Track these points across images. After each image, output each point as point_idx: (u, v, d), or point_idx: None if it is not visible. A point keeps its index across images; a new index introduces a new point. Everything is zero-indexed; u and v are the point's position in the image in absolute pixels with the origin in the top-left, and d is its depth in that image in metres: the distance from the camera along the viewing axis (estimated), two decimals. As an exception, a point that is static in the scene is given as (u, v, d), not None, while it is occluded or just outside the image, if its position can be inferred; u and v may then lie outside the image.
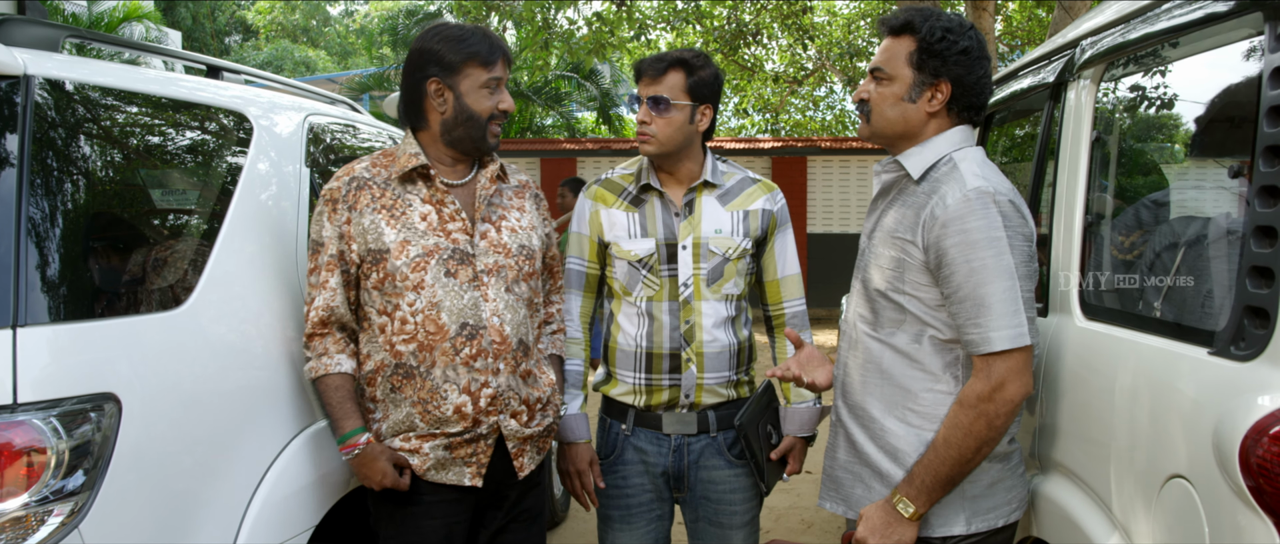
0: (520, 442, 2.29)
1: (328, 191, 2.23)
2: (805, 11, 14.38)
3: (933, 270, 1.89)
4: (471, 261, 2.21)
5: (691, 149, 2.44)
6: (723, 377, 2.46)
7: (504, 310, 2.23)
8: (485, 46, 2.22)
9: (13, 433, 1.54)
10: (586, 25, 13.67)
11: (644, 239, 2.44)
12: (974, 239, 1.82)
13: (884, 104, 2.00)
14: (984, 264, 1.81)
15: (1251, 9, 1.54)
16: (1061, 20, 7.64)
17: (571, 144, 14.72)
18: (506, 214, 2.33)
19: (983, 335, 1.82)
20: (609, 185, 2.53)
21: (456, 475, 2.21)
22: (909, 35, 1.96)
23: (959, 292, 1.84)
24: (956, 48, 1.93)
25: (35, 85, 1.75)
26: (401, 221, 2.19)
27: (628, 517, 2.51)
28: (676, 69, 2.36)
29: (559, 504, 4.64)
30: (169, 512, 1.81)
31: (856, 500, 2.05)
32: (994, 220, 1.82)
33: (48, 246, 1.69)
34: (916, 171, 1.96)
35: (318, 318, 2.19)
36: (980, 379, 1.85)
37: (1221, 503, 1.45)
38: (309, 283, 2.22)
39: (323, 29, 32.86)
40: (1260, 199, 1.47)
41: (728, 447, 2.50)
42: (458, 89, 2.21)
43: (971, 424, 1.84)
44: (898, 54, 1.97)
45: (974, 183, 1.85)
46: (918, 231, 1.90)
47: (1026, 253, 1.85)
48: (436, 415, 2.17)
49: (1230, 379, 1.48)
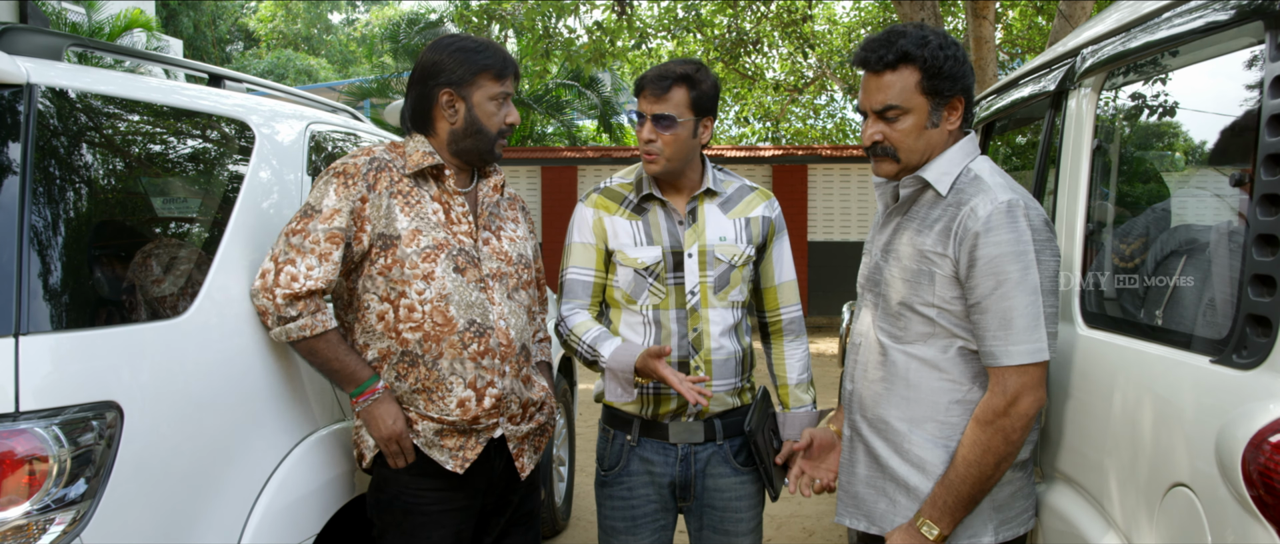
0: (519, 441, 2.32)
1: (342, 165, 2.18)
2: (806, 20, 14.42)
3: (962, 280, 1.89)
4: (477, 264, 2.24)
5: (694, 160, 2.45)
6: (730, 384, 2.46)
7: (509, 315, 2.27)
8: (499, 61, 2.26)
9: (15, 441, 1.54)
10: (587, 34, 13.70)
11: (650, 246, 2.43)
12: (1003, 251, 1.83)
13: (909, 138, 1.96)
14: (1009, 277, 1.82)
15: (1252, 18, 1.54)
16: (1062, 29, 7.65)
17: (572, 152, 14.75)
18: (505, 224, 2.38)
19: (1002, 348, 1.84)
20: (609, 194, 2.52)
21: (440, 457, 2.20)
22: (910, 66, 1.92)
23: (982, 302, 1.86)
24: (958, 60, 1.94)
25: (38, 94, 1.75)
26: (415, 210, 2.20)
27: (633, 528, 2.50)
28: (680, 85, 2.35)
29: (560, 513, 4.64)
30: (171, 520, 1.81)
31: (880, 515, 2.03)
32: (1023, 234, 1.83)
33: (50, 255, 1.69)
34: (944, 186, 1.95)
35: (313, 286, 2.08)
36: (995, 394, 1.86)
37: (1224, 511, 1.45)
38: (288, 242, 2.10)
39: (324, 37, 32.94)
40: (1261, 207, 1.47)
41: (733, 454, 2.49)
42: (470, 100, 2.24)
43: (989, 441, 1.86)
44: (907, 87, 1.93)
45: (1004, 196, 1.86)
46: (949, 243, 1.90)
47: (1053, 268, 1.88)
48: (439, 406, 2.18)
49: (1232, 387, 1.48)
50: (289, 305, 2.08)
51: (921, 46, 1.91)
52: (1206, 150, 2.03)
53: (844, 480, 2.15)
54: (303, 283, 2.08)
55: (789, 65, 16.81)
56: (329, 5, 33.08)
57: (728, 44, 14.51)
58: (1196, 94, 1.94)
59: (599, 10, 13.95)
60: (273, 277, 2.09)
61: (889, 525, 2.02)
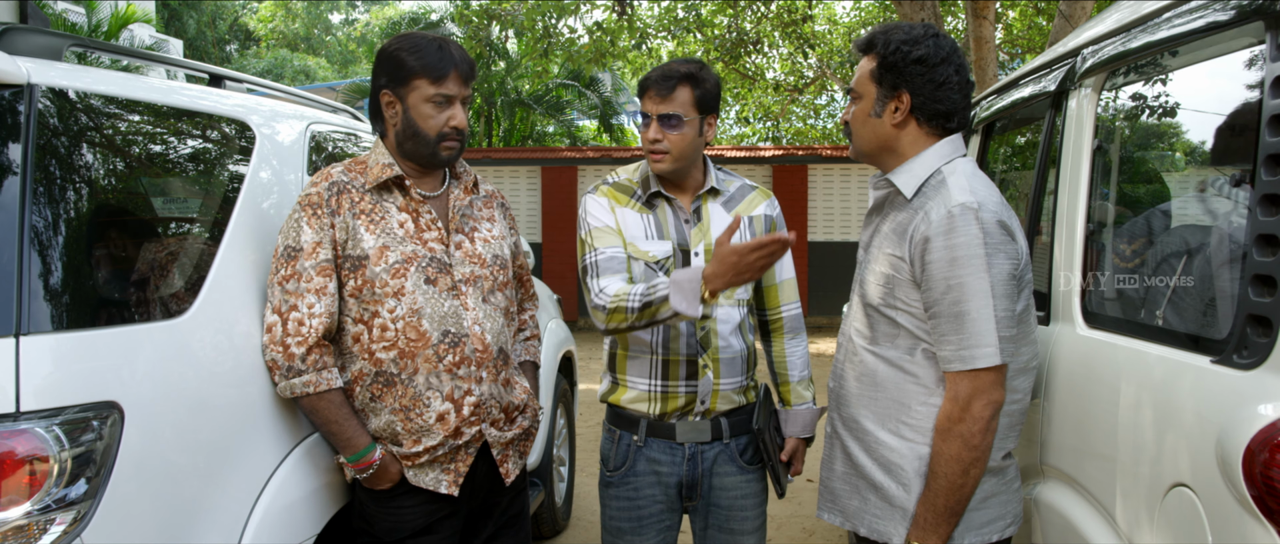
0: (503, 447, 2.29)
1: (306, 196, 2.16)
2: (806, 20, 14.42)
3: (918, 284, 1.90)
4: (449, 271, 2.19)
5: (697, 159, 2.45)
6: (737, 382, 2.46)
7: (484, 319, 2.21)
8: (434, 59, 2.14)
9: (15, 441, 1.54)
10: (587, 34, 13.70)
11: (661, 241, 2.43)
12: (954, 256, 1.82)
13: (857, 122, 2.06)
14: (961, 281, 1.82)
15: (1253, 18, 1.54)
16: (1062, 29, 7.65)
17: (572, 152, 14.73)
18: (479, 225, 2.32)
19: (954, 352, 1.84)
20: (619, 187, 2.52)
21: (434, 481, 2.18)
22: (871, 53, 2.01)
23: (935, 306, 1.86)
24: (910, 57, 1.94)
25: (38, 94, 1.75)
26: (380, 227, 2.16)
27: (638, 528, 2.49)
28: (685, 84, 2.35)
29: (561, 513, 4.64)
30: (171, 520, 1.81)
31: (853, 512, 2.06)
32: (974, 237, 1.81)
33: (51, 255, 1.69)
34: (909, 189, 1.97)
35: (321, 327, 2.09)
36: (949, 400, 1.87)
37: (1225, 512, 1.45)
38: (284, 290, 2.09)
39: (324, 37, 32.94)
40: (1262, 207, 1.47)
41: (740, 453, 2.49)
42: (406, 102, 2.16)
43: (951, 449, 1.86)
44: (864, 72, 2.02)
45: (959, 198, 1.85)
46: (905, 246, 1.91)
47: (1007, 271, 1.84)
48: (418, 423, 2.15)
49: (1233, 388, 1.48)
50: (301, 358, 2.07)
51: (884, 34, 1.98)
52: (1207, 150, 2.03)
53: (824, 476, 2.18)
54: (309, 326, 2.07)
55: (789, 65, 16.81)
56: (329, 5, 33.08)
57: (728, 44, 14.52)
58: (1197, 94, 1.94)
59: (599, 10, 13.96)
60: (280, 329, 2.07)
61: (861, 523, 2.04)
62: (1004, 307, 1.83)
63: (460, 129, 2.19)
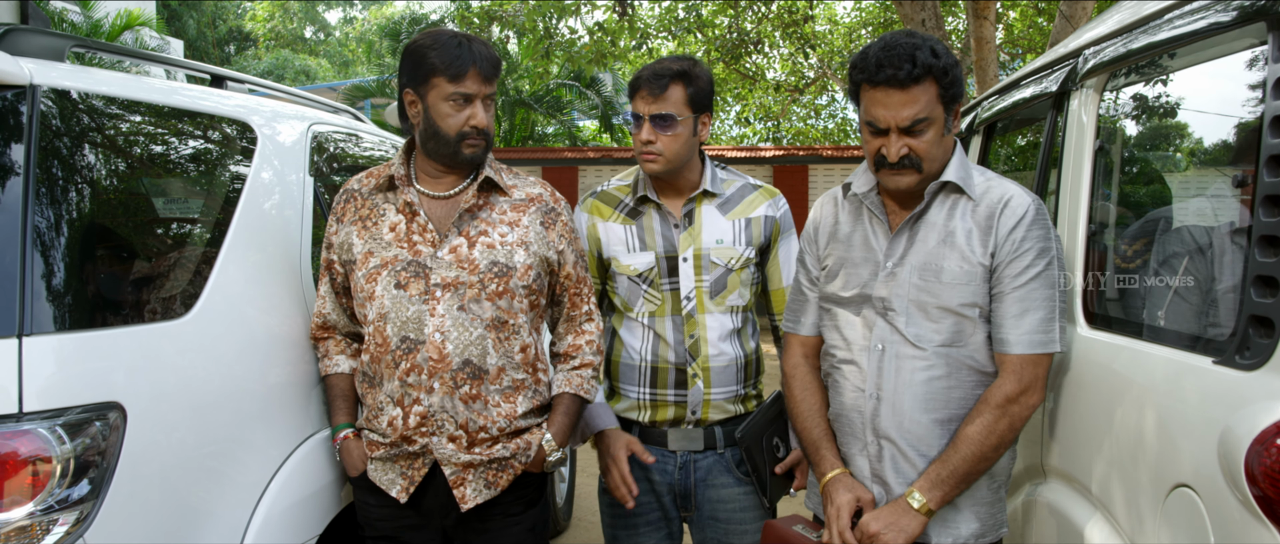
0: (459, 468, 2.12)
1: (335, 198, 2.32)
2: (806, 20, 14.42)
3: (993, 269, 1.95)
4: (426, 275, 2.11)
5: (692, 159, 2.38)
6: (730, 392, 2.41)
7: (450, 327, 2.08)
8: (452, 57, 2.09)
9: (18, 442, 1.54)
10: (588, 34, 13.71)
11: (642, 252, 2.38)
12: (1038, 246, 1.92)
13: (933, 148, 1.95)
14: (1038, 272, 1.92)
15: (1254, 19, 1.54)
16: (1063, 29, 7.65)
17: (572, 152, 14.74)
18: (490, 229, 2.16)
19: (1022, 337, 1.92)
20: (605, 198, 2.47)
21: (388, 482, 2.16)
22: (932, 78, 1.90)
23: (1010, 292, 1.93)
24: (958, 67, 1.96)
25: (40, 95, 1.75)
26: (371, 233, 2.18)
27: (634, 535, 2.48)
28: (677, 82, 2.28)
29: (561, 513, 4.64)
30: (174, 520, 1.81)
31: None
32: (1051, 232, 1.95)
33: (53, 256, 1.69)
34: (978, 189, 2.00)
35: (317, 322, 2.31)
36: (1011, 380, 1.92)
37: (1227, 512, 1.45)
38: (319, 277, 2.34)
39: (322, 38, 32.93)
40: (1264, 208, 1.47)
41: (737, 464, 2.43)
42: (426, 101, 2.13)
43: (995, 423, 1.91)
44: (931, 98, 1.92)
45: (1028, 195, 1.96)
46: (990, 238, 1.95)
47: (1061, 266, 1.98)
48: (376, 425, 2.17)
49: (1235, 388, 1.48)
50: (314, 343, 2.34)
51: (936, 57, 1.90)
52: (1208, 151, 2.04)
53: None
54: (315, 320, 2.32)
55: (790, 66, 16.81)
56: (325, 5, 33.07)
57: (729, 44, 14.52)
58: (1198, 95, 1.95)
59: (600, 11, 13.96)
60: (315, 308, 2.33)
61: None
62: (1062, 300, 1.97)
63: (480, 128, 2.14)
